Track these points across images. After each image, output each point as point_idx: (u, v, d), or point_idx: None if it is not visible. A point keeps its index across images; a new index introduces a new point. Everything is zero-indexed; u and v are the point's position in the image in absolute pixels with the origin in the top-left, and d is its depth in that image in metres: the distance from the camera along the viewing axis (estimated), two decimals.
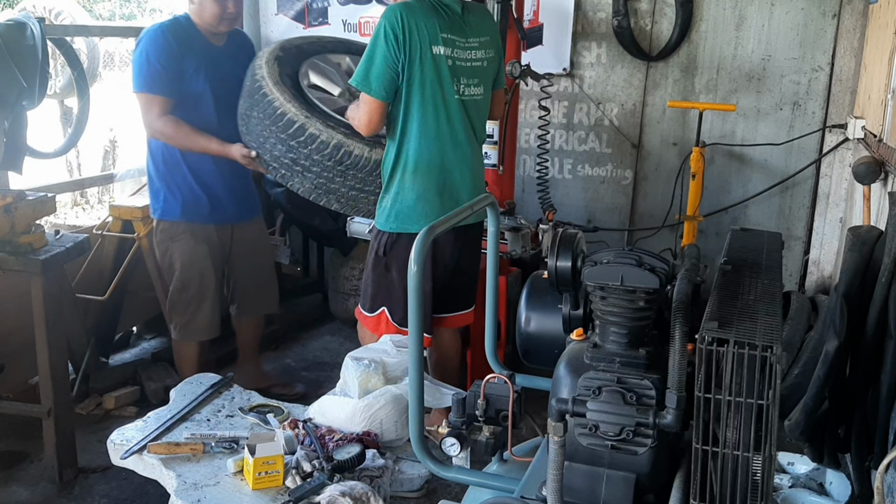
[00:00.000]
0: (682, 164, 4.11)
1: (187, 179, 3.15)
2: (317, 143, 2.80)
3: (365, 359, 2.34)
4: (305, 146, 2.82)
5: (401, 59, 2.60)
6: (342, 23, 4.61)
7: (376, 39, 2.59)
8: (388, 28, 2.57)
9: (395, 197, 2.76)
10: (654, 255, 1.55)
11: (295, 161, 2.86)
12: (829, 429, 2.23)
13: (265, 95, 2.86)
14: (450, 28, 2.67)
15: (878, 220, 3.08)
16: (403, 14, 2.59)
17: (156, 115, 3.02)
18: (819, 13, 3.84)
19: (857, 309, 2.05)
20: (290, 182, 2.93)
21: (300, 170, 2.87)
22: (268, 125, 2.86)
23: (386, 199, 2.79)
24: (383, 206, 2.80)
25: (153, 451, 2.09)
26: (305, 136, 2.81)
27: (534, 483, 1.59)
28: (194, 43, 3.08)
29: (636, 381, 1.45)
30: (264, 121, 2.87)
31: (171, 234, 3.18)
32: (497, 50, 2.91)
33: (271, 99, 2.85)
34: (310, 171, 2.85)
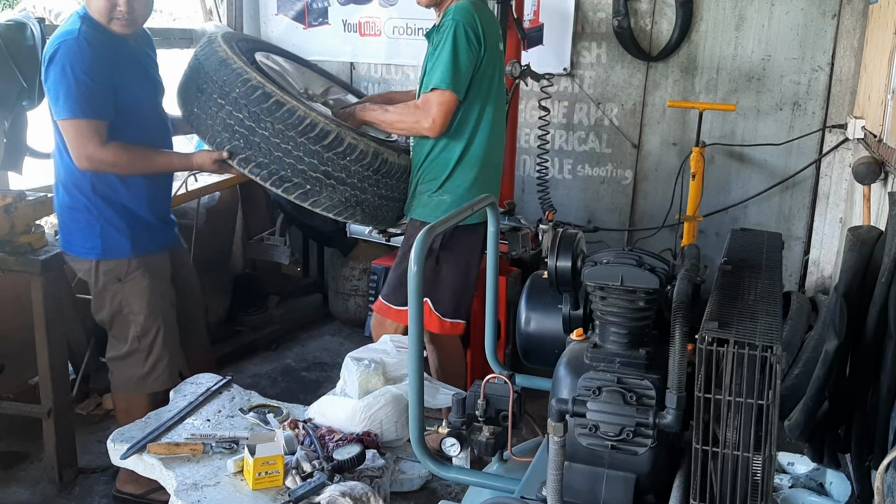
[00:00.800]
0: (681, 165, 4.11)
1: (128, 208, 2.68)
2: (357, 153, 2.68)
3: (365, 359, 2.34)
4: (343, 157, 2.67)
5: (480, 57, 2.70)
6: (342, 23, 4.62)
7: (455, 38, 2.63)
8: (466, 27, 2.65)
9: (457, 191, 2.81)
10: (654, 256, 1.55)
11: (328, 174, 2.67)
12: (829, 429, 2.23)
13: (280, 105, 2.61)
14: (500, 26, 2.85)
15: (878, 220, 3.08)
16: (476, 12, 2.69)
17: (97, 144, 2.51)
18: (819, 13, 3.84)
19: (856, 309, 2.05)
20: (316, 198, 2.70)
21: (333, 182, 2.69)
22: (293, 137, 2.61)
23: (442, 195, 2.82)
24: (437, 202, 2.82)
25: (153, 452, 2.09)
26: (344, 146, 2.66)
27: (534, 483, 1.59)
28: (115, 45, 2.59)
29: (636, 382, 1.45)
30: (286, 132, 2.61)
31: (118, 275, 2.69)
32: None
33: (291, 108, 2.62)
34: (344, 182, 2.70)
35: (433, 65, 2.69)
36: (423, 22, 4.41)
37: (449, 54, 2.64)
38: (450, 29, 2.64)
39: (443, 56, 2.65)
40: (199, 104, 2.71)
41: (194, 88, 2.73)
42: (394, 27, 4.51)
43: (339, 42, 4.66)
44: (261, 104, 2.60)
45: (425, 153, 2.82)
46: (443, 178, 2.81)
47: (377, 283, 3.52)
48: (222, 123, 2.65)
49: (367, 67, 4.67)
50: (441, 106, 2.67)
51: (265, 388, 3.76)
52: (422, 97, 2.74)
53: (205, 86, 2.68)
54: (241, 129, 2.63)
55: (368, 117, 2.84)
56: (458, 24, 2.64)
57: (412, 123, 2.75)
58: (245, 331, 4.34)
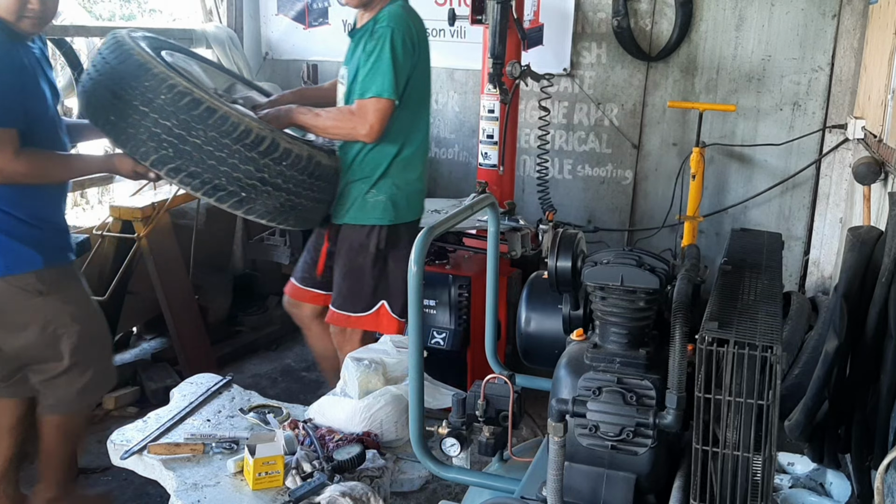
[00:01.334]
0: (682, 165, 4.11)
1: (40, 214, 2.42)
2: (292, 157, 2.60)
3: (365, 359, 2.34)
4: (279, 162, 2.58)
5: (414, 63, 2.73)
6: (342, 23, 4.61)
7: (393, 45, 2.65)
8: (403, 34, 2.67)
9: (391, 190, 2.82)
10: (655, 256, 1.55)
11: (264, 180, 2.57)
12: (829, 429, 2.24)
13: (212, 111, 2.47)
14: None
15: (878, 220, 3.08)
16: (409, 19, 2.74)
17: (11, 154, 2.23)
18: (819, 13, 3.85)
19: (856, 309, 2.05)
20: (251, 205, 2.59)
21: (269, 189, 2.60)
22: (227, 143, 2.48)
23: (378, 195, 2.82)
24: (374, 202, 2.82)
25: (153, 452, 2.09)
26: (280, 151, 2.57)
27: (534, 483, 1.59)
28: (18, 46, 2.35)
29: (636, 382, 1.45)
30: (220, 139, 2.48)
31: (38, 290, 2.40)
32: None
33: (224, 114, 2.48)
34: (280, 188, 2.61)
35: (369, 71, 2.67)
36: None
37: (387, 62, 2.64)
38: (386, 36, 2.65)
39: (380, 63, 2.65)
40: (117, 112, 2.50)
41: (108, 95, 2.49)
42: None
43: (339, 42, 4.62)
44: (191, 111, 2.44)
45: (354, 153, 2.81)
46: (375, 177, 2.81)
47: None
48: (147, 132, 2.45)
49: None
50: (378, 113, 2.67)
51: (265, 388, 3.76)
52: (357, 103, 2.71)
53: (122, 92, 2.47)
54: (169, 137, 2.45)
55: (299, 121, 2.76)
56: (395, 31, 2.66)
57: (349, 129, 2.73)
58: (245, 331, 4.34)
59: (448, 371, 3.02)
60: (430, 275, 3.34)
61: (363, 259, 2.86)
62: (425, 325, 3.02)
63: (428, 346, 3.23)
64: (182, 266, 3.74)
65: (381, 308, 2.90)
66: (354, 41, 2.82)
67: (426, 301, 3.33)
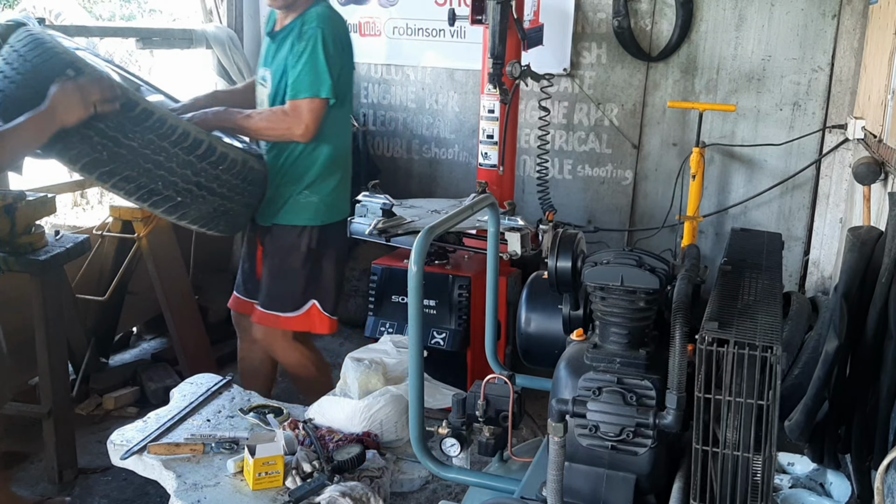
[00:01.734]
0: (682, 165, 4.11)
1: None
2: (228, 161, 2.55)
3: (365, 359, 2.34)
4: (216, 166, 2.53)
5: (342, 62, 2.75)
6: None
7: (324, 45, 2.66)
8: (332, 34, 2.70)
9: (324, 191, 2.85)
10: (655, 256, 1.55)
11: (200, 185, 2.51)
12: (829, 429, 2.24)
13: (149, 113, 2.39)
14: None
15: (878, 220, 3.08)
16: (336, 19, 2.78)
17: None
18: (819, 13, 3.85)
19: (857, 309, 2.05)
20: (185, 210, 2.53)
21: (205, 193, 2.53)
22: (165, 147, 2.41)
23: (310, 196, 2.84)
24: (306, 203, 2.83)
25: (153, 452, 2.09)
26: (217, 155, 2.52)
27: (534, 483, 1.59)
28: None
29: (636, 382, 1.45)
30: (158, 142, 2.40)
31: None
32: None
33: (162, 117, 2.41)
34: (214, 193, 2.56)
35: (301, 71, 2.67)
36: (423, 22, 4.42)
37: (321, 61, 2.65)
38: (316, 36, 2.66)
39: (313, 63, 2.66)
40: None
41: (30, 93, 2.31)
42: (394, 27, 4.51)
43: None
44: (127, 113, 2.35)
45: (286, 155, 2.81)
46: (308, 179, 2.82)
47: (377, 283, 3.52)
48: (78, 134, 2.32)
49: (367, 68, 4.68)
50: (312, 112, 2.68)
51: None
52: (291, 104, 2.70)
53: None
54: (103, 140, 2.34)
55: (229, 123, 2.73)
56: (325, 31, 2.67)
57: (284, 130, 2.72)
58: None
59: (448, 371, 3.02)
60: (430, 275, 3.34)
61: (294, 259, 2.86)
62: (425, 325, 3.03)
63: (428, 346, 3.23)
64: (182, 266, 3.74)
65: (313, 307, 2.91)
66: (276, 42, 2.79)
67: (426, 301, 3.34)
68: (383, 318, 3.49)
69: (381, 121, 4.75)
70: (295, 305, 2.90)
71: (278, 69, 2.76)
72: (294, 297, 2.90)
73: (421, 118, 4.65)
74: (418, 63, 4.55)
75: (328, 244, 2.90)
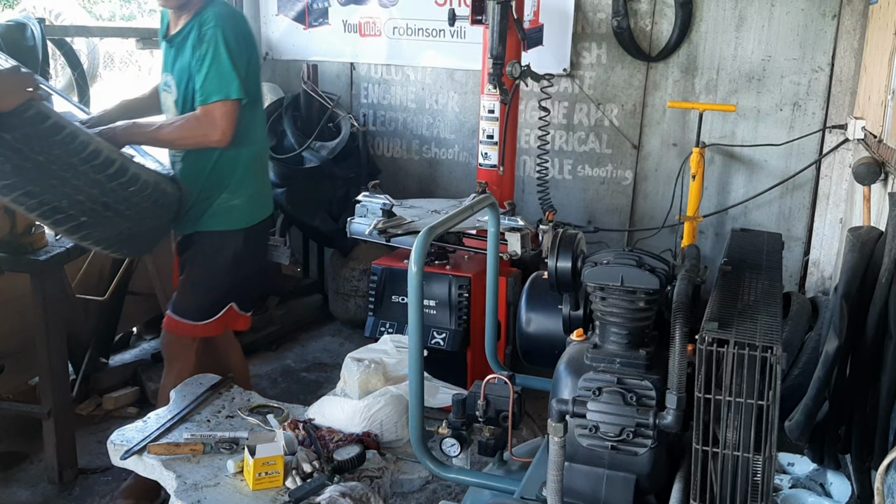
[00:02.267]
0: (682, 165, 4.11)
1: None
2: (139, 183, 2.42)
3: (365, 359, 2.34)
4: (126, 188, 2.39)
5: (247, 59, 2.65)
6: (342, 23, 4.62)
7: (227, 44, 2.56)
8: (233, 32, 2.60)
9: (245, 194, 2.76)
10: (655, 256, 1.55)
11: (107, 205, 2.36)
12: (829, 429, 2.24)
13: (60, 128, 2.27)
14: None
15: (878, 220, 3.08)
16: (235, 16, 2.68)
17: None
18: (819, 14, 3.84)
19: (857, 310, 2.05)
20: (88, 231, 2.38)
21: (111, 214, 2.39)
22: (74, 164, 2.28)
23: (233, 200, 2.74)
24: (229, 207, 2.73)
25: (153, 452, 2.09)
26: (128, 176, 2.39)
27: (534, 484, 1.59)
28: None
29: (636, 382, 1.45)
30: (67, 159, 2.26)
31: None
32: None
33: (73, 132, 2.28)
34: (122, 215, 2.41)
35: (207, 74, 2.56)
36: (423, 22, 4.42)
37: (225, 62, 2.56)
38: (217, 36, 2.56)
39: (218, 65, 2.55)
40: None
41: None
42: (394, 27, 4.51)
43: (339, 42, 4.66)
44: (35, 125, 2.21)
45: (205, 161, 2.69)
46: (229, 183, 2.73)
47: (377, 283, 3.52)
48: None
49: (367, 68, 4.68)
50: (226, 116, 2.58)
51: (265, 388, 3.76)
52: (202, 109, 2.58)
53: None
54: (7, 151, 2.19)
55: (139, 137, 2.62)
56: (224, 29, 2.57)
57: (200, 137, 2.60)
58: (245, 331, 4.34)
59: (448, 371, 3.01)
60: (430, 275, 3.34)
61: (219, 266, 2.76)
62: (425, 325, 3.03)
63: (428, 346, 3.23)
64: None
65: (229, 310, 2.82)
66: (174, 46, 2.68)
67: (426, 301, 3.34)
68: (383, 318, 3.49)
69: (381, 121, 4.75)
70: (211, 312, 2.79)
71: (182, 75, 2.64)
72: (214, 303, 2.79)
73: (421, 118, 4.65)
74: (418, 63, 4.55)
75: (254, 245, 2.83)
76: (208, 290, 2.78)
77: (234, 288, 2.83)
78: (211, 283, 2.78)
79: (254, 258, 2.86)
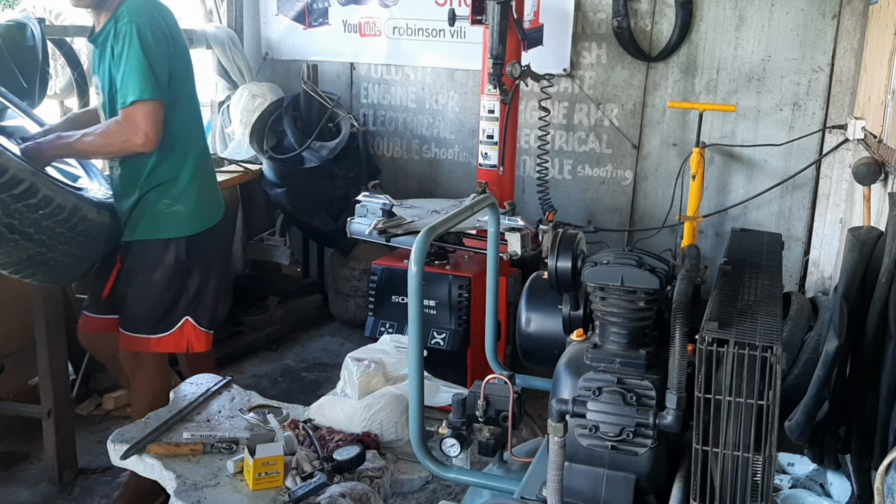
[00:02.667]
0: (682, 165, 4.11)
1: None
2: (52, 206, 2.29)
3: (365, 359, 2.34)
4: (35, 210, 2.25)
5: (171, 54, 2.51)
6: (342, 23, 4.62)
7: (142, 41, 2.41)
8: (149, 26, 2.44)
9: (189, 199, 2.64)
10: (655, 256, 1.55)
11: (12, 227, 2.23)
12: (829, 429, 2.24)
13: None
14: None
15: (878, 220, 3.08)
16: (152, 8, 2.50)
17: None
18: (819, 14, 3.84)
19: (857, 309, 2.05)
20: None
21: (17, 237, 2.26)
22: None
23: (174, 206, 2.62)
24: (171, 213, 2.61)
25: (153, 452, 2.09)
26: (38, 198, 2.25)
27: (534, 484, 1.59)
28: None
29: (636, 382, 1.45)
30: None
31: None
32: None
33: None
34: (30, 239, 2.28)
35: (124, 74, 2.41)
36: (423, 22, 4.42)
37: (140, 60, 2.40)
38: (131, 33, 2.40)
39: (133, 63, 2.40)
40: None
41: None
42: (394, 27, 4.51)
43: (339, 42, 4.66)
44: None
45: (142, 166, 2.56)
46: (169, 187, 2.60)
47: (377, 283, 3.52)
48: None
49: (367, 68, 4.68)
50: (148, 117, 2.42)
51: (265, 388, 3.76)
52: (122, 112, 2.44)
53: None
54: None
55: (62, 150, 2.50)
56: (140, 25, 2.41)
57: (122, 143, 2.46)
58: (245, 331, 4.35)
59: (448, 371, 3.02)
60: (430, 275, 3.34)
61: (160, 275, 2.64)
62: (425, 325, 3.03)
63: (428, 346, 3.23)
64: None
65: (186, 324, 2.71)
66: (98, 46, 2.54)
67: (426, 301, 3.34)
68: (383, 319, 3.49)
69: (381, 121, 4.75)
70: (165, 325, 2.68)
71: (105, 76, 2.52)
72: (164, 315, 2.67)
73: (421, 118, 4.65)
74: (418, 63, 4.55)
75: (200, 254, 2.69)
76: (151, 302, 2.65)
77: (183, 300, 2.69)
78: (153, 294, 2.65)
79: (206, 267, 2.72)
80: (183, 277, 2.67)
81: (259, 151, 4.26)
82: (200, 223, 2.69)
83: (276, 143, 4.30)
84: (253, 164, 4.37)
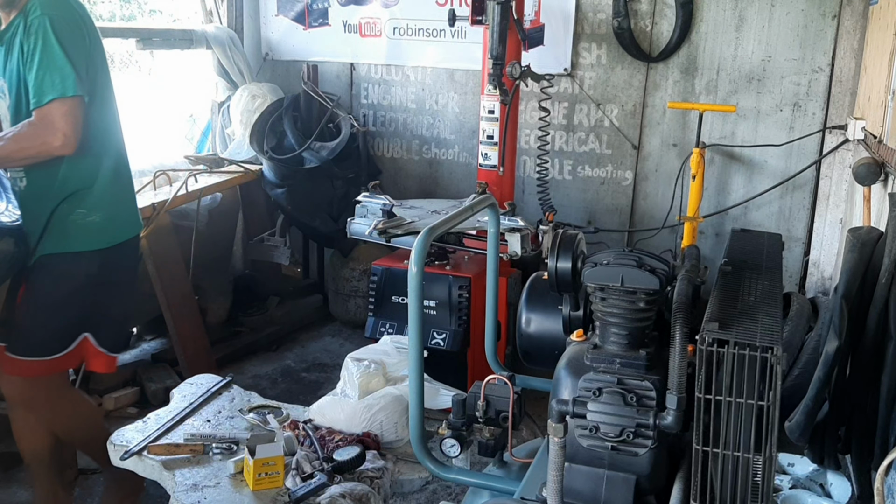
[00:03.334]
0: (682, 165, 4.11)
1: None
2: None
3: (365, 360, 2.34)
4: None
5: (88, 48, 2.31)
6: (342, 24, 4.62)
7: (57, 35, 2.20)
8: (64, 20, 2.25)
9: (106, 208, 2.41)
10: (655, 257, 1.55)
11: None
12: (829, 430, 2.23)
13: None
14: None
15: (878, 221, 3.08)
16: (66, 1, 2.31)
17: None
18: (819, 14, 3.84)
19: (857, 310, 2.05)
20: None
21: None
22: None
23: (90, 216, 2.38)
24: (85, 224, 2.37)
25: (153, 453, 2.09)
26: None
27: (534, 484, 1.59)
28: None
29: (636, 383, 1.45)
30: None
31: None
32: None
33: None
34: None
35: (38, 71, 2.20)
36: (423, 23, 4.42)
37: (58, 55, 2.20)
38: (45, 26, 2.19)
39: (49, 59, 2.20)
40: None
41: None
42: (394, 28, 4.51)
43: (339, 43, 4.66)
44: None
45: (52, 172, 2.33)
46: (87, 197, 2.37)
47: (377, 284, 3.52)
48: None
49: (367, 68, 4.68)
50: (67, 116, 2.21)
51: (265, 388, 3.76)
52: (37, 113, 2.22)
53: None
54: None
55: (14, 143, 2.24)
56: (54, 18, 2.21)
57: (39, 147, 2.22)
58: (245, 332, 4.35)
59: (448, 371, 3.02)
60: (430, 275, 3.35)
61: (65, 290, 2.38)
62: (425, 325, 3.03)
63: (428, 347, 3.23)
64: (182, 266, 3.74)
65: (83, 342, 2.42)
66: (4, 45, 2.31)
67: (426, 301, 3.34)
68: (383, 319, 3.49)
69: (382, 121, 4.75)
70: (61, 345, 2.38)
71: (12, 77, 2.29)
72: (60, 333, 2.39)
73: (421, 119, 4.65)
74: (418, 63, 4.55)
75: (114, 269, 2.44)
76: (51, 321, 2.37)
77: (86, 316, 2.42)
78: (51, 311, 2.38)
79: (115, 284, 2.46)
80: (92, 293, 2.41)
81: (259, 152, 4.26)
82: (117, 235, 2.46)
83: (276, 143, 4.30)
84: (253, 164, 4.37)
